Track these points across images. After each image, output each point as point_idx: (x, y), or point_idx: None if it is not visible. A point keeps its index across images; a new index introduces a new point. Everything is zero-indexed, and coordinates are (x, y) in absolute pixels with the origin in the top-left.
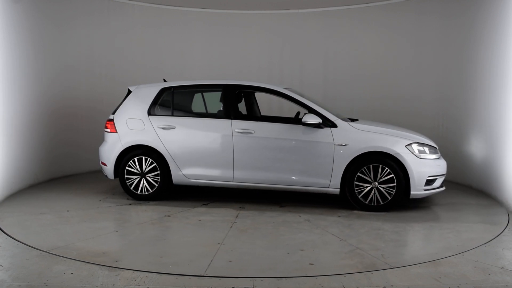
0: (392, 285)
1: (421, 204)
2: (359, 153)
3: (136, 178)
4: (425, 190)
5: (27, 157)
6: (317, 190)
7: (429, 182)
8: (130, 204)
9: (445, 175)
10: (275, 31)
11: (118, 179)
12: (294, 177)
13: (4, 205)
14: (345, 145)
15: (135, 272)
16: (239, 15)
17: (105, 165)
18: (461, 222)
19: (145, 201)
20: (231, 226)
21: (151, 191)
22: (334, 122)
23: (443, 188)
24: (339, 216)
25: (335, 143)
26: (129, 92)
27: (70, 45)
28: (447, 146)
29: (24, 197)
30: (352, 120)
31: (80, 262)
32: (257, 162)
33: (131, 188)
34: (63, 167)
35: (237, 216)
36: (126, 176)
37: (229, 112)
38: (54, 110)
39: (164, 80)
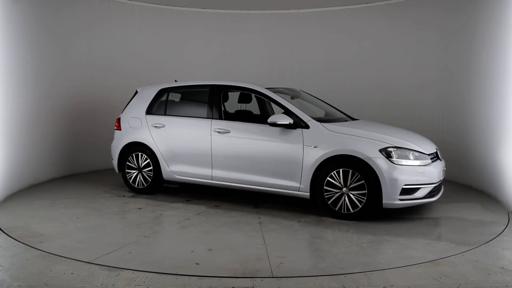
0: (392, 285)
1: (413, 215)
2: (328, 156)
3: (134, 173)
4: (401, 200)
5: (27, 157)
6: (288, 193)
7: (407, 191)
8: (124, 196)
9: (433, 185)
10: (275, 31)
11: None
12: (266, 179)
13: (10, 199)
14: (315, 147)
15: (135, 272)
16: (239, 15)
17: (112, 160)
18: (423, 239)
19: (140, 194)
20: (179, 222)
21: (145, 185)
22: (307, 123)
23: (433, 199)
24: (299, 221)
25: (305, 144)
26: (136, 92)
27: (69, 45)
28: (448, 146)
29: (42, 186)
30: (353, 119)
31: (80, 262)
32: (232, 162)
33: (130, 181)
34: (63, 167)
35: (199, 214)
36: (126, 170)
37: (211, 112)
38: (54, 110)
39: (175, 81)
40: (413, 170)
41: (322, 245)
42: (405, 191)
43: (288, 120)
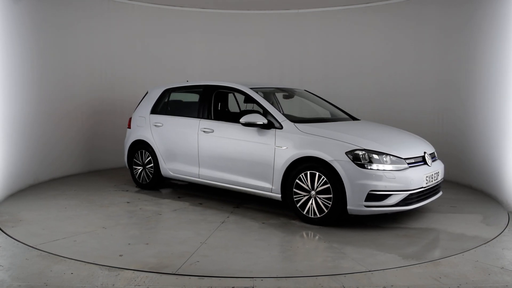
0: (392, 285)
1: (391, 223)
2: (296, 158)
3: (140, 169)
4: (367, 206)
5: (27, 157)
6: (262, 194)
7: (374, 197)
8: (127, 191)
9: (408, 192)
10: (275, 31)
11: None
12: (244, 179)
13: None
14: (285, 148)
15: (135, 272)
16: (239, 15)
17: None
18: (372, 249)
19: (144, 189)
20: (148, 217)
21: (148, 181)
22: (281, 123)
23: (408, 207)
24: (263, 223)
25: (276, 145)
26: (147, 93)
27: (70, 46)
28: (448, 146)
29: (65, 178)
30: (354, 119)
31: (80, 262)
32: (215, 161)
33: (136, 177)
34: (64, 167)
35: (175, 210)
36: (133, 166)
37: (201, 111)
38: (54, 111)
39: (187, 81)
40: (382, 175)
41: (258, 247)
42: (372, 197)
43: (261, 120)
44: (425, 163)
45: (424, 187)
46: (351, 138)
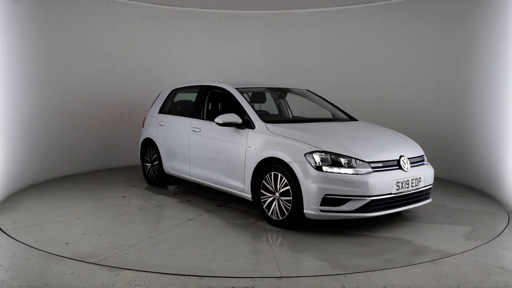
0: (392, 285)
1: (361, 231)
2: (261, 159)
3: (148, 166)
4: (323, 211)
5: (27, 157)
6: (237, 193)
7: (330, 201)
8: (135, 186)
9: (369, 198)
10: (275, 31)
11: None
12: (222, 177)
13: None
14: (254, 148)
15: (135, 272)
16: (239, 15)
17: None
18: (309, 256)
19: (152, 185)
20: (128, 211)
21: (154, 177)
22: (254, 123)
23: (369, 215)
24: (228, 223)
25: (247, 145)
26: (160, 93)
27: (70, 46)
28: (448, 146)
29: (90, 174)
30: (352, 119)
31: (80, 262)
32: (201, 160)
33: (145, 173)
34: (64, 167)
35: (158, 206)
36: (144, 163)
37: (194, 111)
38: (54, 111)
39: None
40: (339, 178)
41: (196, 245)
42: (328, 202)
43: (235, 120)
44: (400, 167)
45: (395, 194)
46: (315, 139)
